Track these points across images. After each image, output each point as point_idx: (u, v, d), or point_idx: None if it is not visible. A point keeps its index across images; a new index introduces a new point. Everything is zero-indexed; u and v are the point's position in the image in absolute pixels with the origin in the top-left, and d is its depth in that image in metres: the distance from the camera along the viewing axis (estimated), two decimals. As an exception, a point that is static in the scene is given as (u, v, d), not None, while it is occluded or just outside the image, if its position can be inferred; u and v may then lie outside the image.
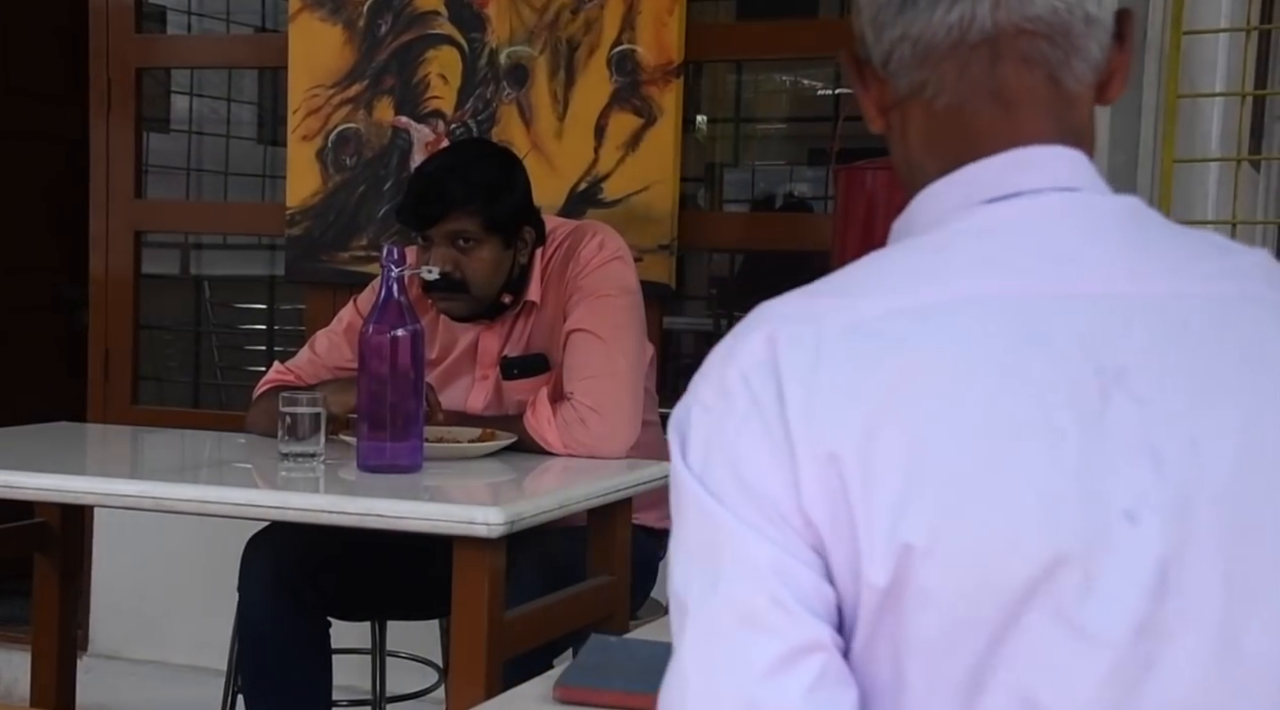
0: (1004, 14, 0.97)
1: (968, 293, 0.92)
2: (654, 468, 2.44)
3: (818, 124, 5.97)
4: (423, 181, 2.61)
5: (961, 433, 0.88)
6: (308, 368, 2.77)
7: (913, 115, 1.02)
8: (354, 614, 2.79)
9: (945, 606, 0.88)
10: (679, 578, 0.93)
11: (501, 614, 2.05)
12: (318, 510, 2.09)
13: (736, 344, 0.94)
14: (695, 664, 0.91)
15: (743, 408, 0.91)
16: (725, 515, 0.91)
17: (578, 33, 3.39)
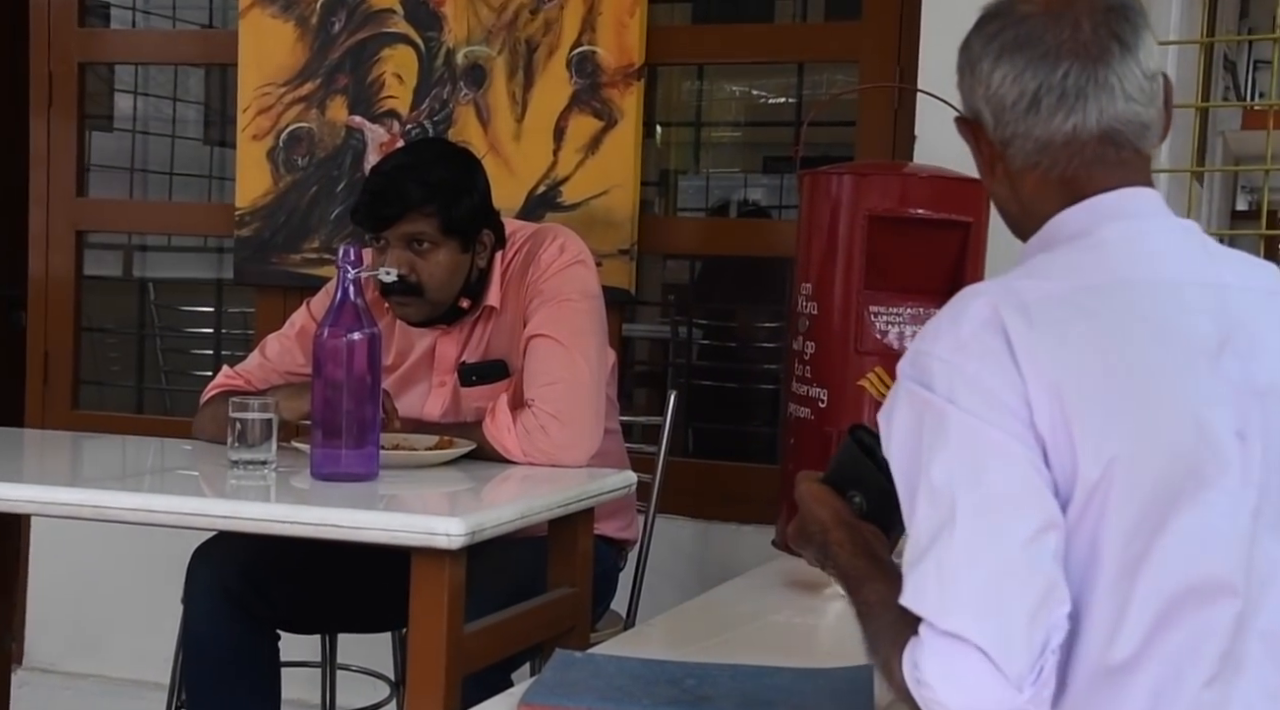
0: (1104, 118, 1.37)
1: (1122, 277, 1.32)
2: (616, 477, 2.37)
3: (772, 131, 5.93)
4: (378, 181, 2.53)
5: (1136, 373, 1.27)
6: (258, 372, 2.69)
7: (1027, 178, 1.40)
8: (304, 627, 2.71)
9: (1134, 499, 1.23)
10: (941, 477, 1.24)
11: (461, 628, 1.98)
12: (270, 520, 2.00)
13: (961, 313, 1.29)
14: (966, 537, 1.22)
15: (980, 352, 1.26)
16: (981, 424, 1.24)
17: (537, 33, 3.32)
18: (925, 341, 1.30)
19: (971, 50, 1.42)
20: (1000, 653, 1.19)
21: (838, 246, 2.62)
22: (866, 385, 2.56)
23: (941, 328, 1.30)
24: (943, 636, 1.21)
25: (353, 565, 2.53)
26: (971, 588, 1.21)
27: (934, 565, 1.23)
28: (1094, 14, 1.37)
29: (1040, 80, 1.36)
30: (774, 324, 3.78)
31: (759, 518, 3.21)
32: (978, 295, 1.30)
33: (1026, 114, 1.36)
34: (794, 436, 2.68)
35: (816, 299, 2.63)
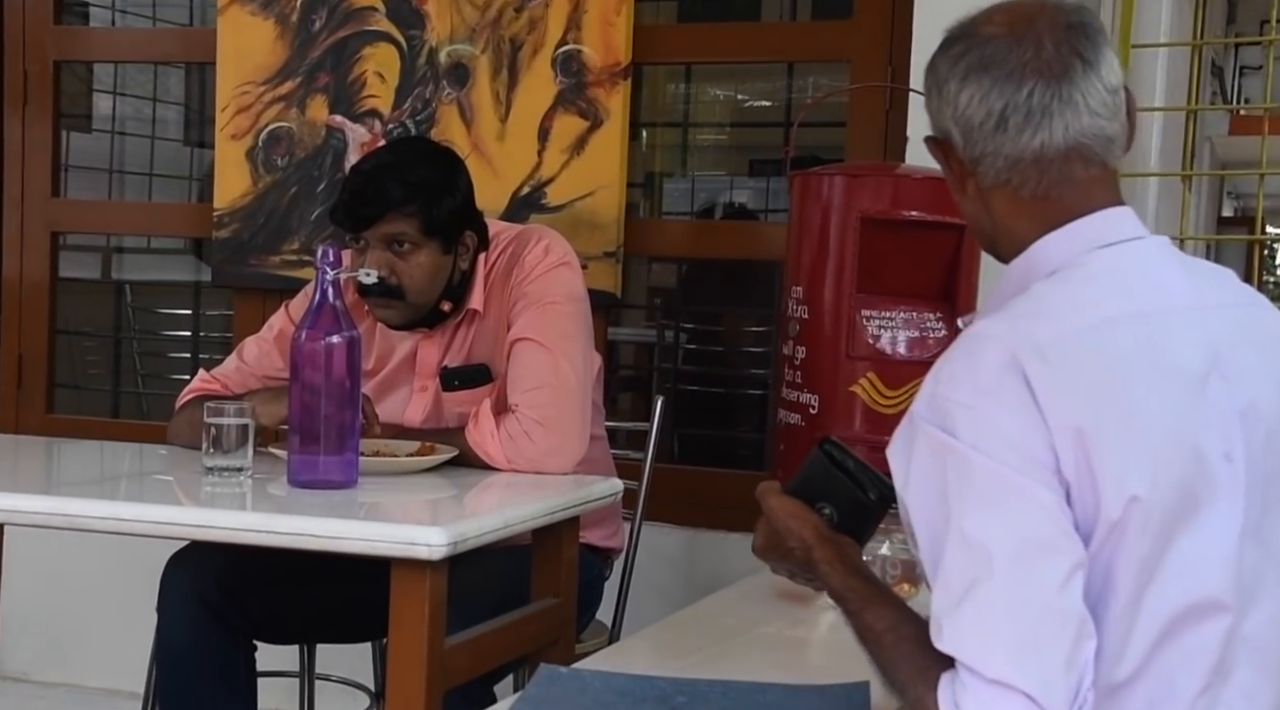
0: (1070, 134, 1.40)
1: (1120, 313, 1.35)
2: (602, 484, 2.31)
3: (758, 133, 5.89)
4: (358, 180, 2.46)
5: (1146, 410, 1.30)
6: (235, 376, 2.62)
7: (997, 197, 1.44)
8: (282, 637, 2.63)
9: (1146, 531, 1.28)
10: (975, 527, 1.26)
11: (442, 641, 1.92)
12: (245, 529, 1.94)
13: (976, 357, 1.31)
14: (1004, 585, 1.24)
15: (1001, 398, 1.28)
16: (1009, 472, 1.26)
17: (521, 32, 3.27)
18: (943, 386, 1.32)
19: (938, 72, 1.44)
20: (1044, 696, 1.23)
21: (829, 249, 2.57)
22: (859, 391, 2.51)
23: (958, 372, 1.32)
24: (988, 684, 1.24)
25: (332, 574, 2.47)
26: (1014, 635, 1.24)
27: (973, 613, 1.25)
28: (1055, 32, 1.40)
29: (1006, 99, 1.39)
30: (760, 328, 3.73)
31: (746, 526, 3.10)
32: (991, 339, 1.33)
33: (995, 133, 1.41)
34: (784, 443, 2.62)
35: (807, 302, 2.57)
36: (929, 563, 1.31)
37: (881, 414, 2.52)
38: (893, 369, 2.52)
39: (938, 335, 2.55)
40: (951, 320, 2.55)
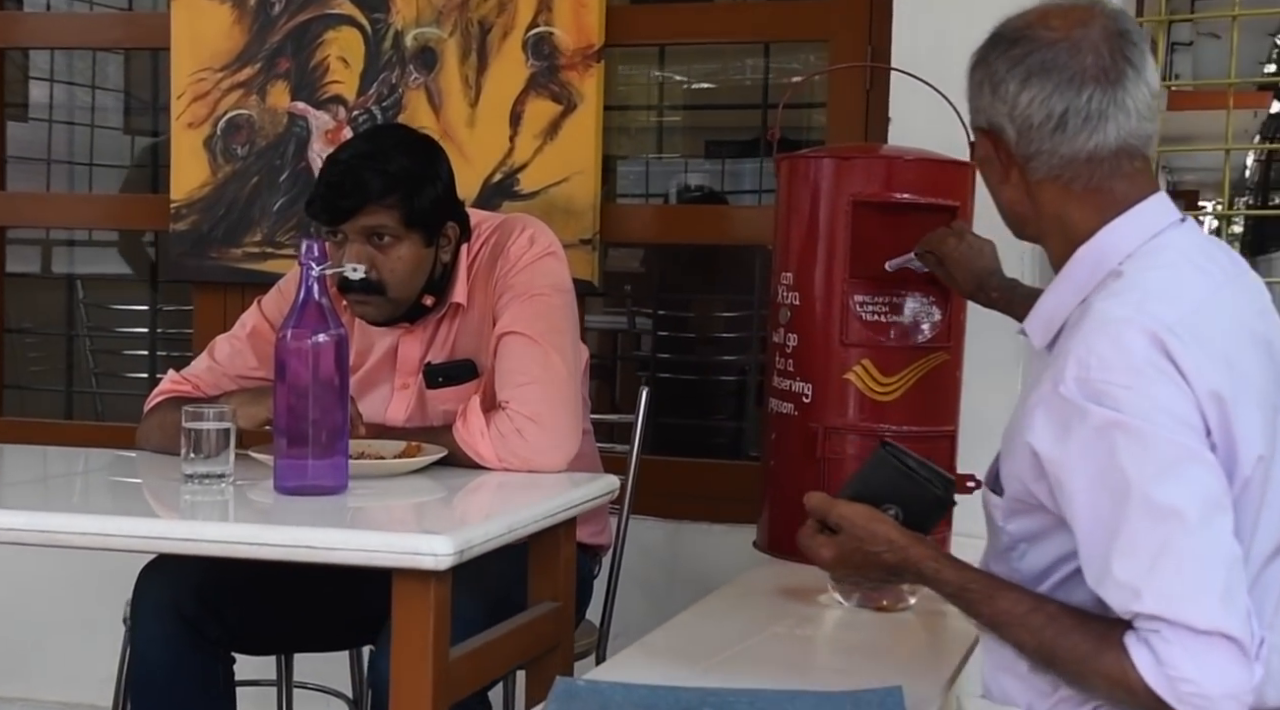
0: (1121, 136, 1.54)
1: (1209, 290, 1.53)
2: (599, 482, 2.24)
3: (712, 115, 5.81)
4: (335, 171, 2.36)
5: (1252, 372, 1.49)
6: (207, 376, 2.52)
7: (1047, 189, 1.58)
8: (260, 648, 2.54)
9: (1262, 484, 1.48)
10: (1163, 494, 1.39)
11: (447, 653, 1.84)
12: (234, 542, 1.84)
13: (1122, 340, 1.44)
14: (1200, 543, 1.39)
15: (1155, 375, 1.42)
16: (1181, 440, 1.41)
17: (490, 14, 3.17)
18: (1094, 370, 1.44)
19: (994, 70, 1.57)
20: (1244, 639, 1.38)
21: (819, 233, 2.49)
22: (853, 379, 2.44)
23: (1106, 355, 1.44)
24: (1198, 634, 1.37)
25: (314, 582, 2.38)
26: (1217, 587, 1.38)
27: (1174, 572, 1.38)
28: (1110, 40, 1.53)
29: (1067, 103, 1.53)
30: (733, 313, 3.66)
31: (730, 516, 3.09)
32: (1126, 321, 1.45)
33: (1053, 133, 1.54)
34: (776, 432, 2.55)
35: (798, 289, 2.50)
36: (1097, 534, 1.43)
37: (876, 401, 2.45)
38: (887, 355, 2.45)
39: (932, 320, 2.48)
40: (945, 304, 2.49)
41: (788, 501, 2.52)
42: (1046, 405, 1.47)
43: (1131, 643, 1.41)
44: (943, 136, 2.61)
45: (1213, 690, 1.37)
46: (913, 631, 2.13)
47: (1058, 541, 1.56)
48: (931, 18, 2.83)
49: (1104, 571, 1.43)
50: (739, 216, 3.35)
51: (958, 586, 1.59)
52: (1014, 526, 1.61)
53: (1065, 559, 1.56)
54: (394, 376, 2.49)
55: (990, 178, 1.63)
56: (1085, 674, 1.46)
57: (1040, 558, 1.60)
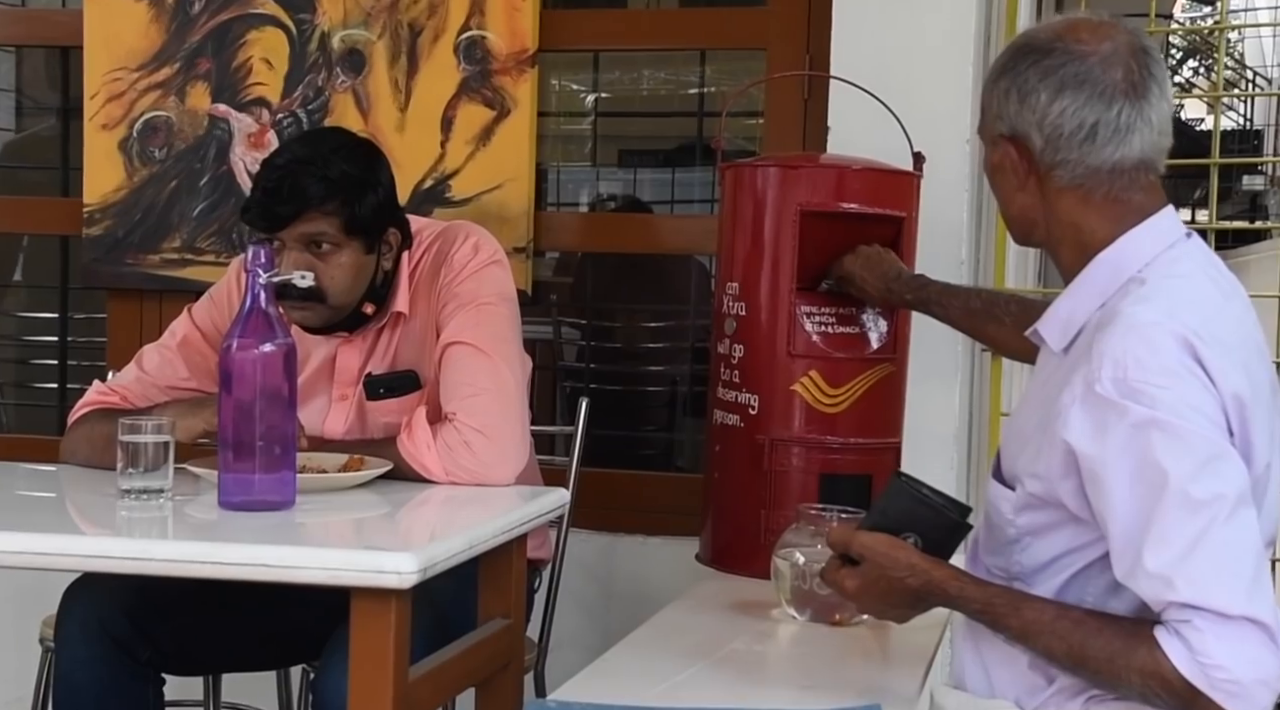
0: (1143, 149, 1.60)
1: (1223, 300, 1.61)
2: (552, 496, 2.19)
3: (624, 123, 5.76)
4: (272, 176, 2.28)
5: (1262, 382, 1.57)
6: (136, 387, 2.43)
7: (1067, 197, 1.64)
8: (190, 669, 2.45)
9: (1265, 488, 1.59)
10: (1198, 488, 1.45)
11: (407, 674, 1.77)
12: (185, 560, 1.76)
13: (1155, 343, 1.50)
14: (1231, 534, 1.45)
15: (1187, 376, 1.49)
16: (1214, 437, 1.48)
17: (421, 16, 3.10)
18: (1131, 370, 1.49)
19: (1025, 79, 1.61)
20: (1274, 624, 1.43)
21: (765, 243, 2.47)
22: (800, 390, 2.42)
23: (1142, 357, 1.50)
24: (1228, 621, 1.42)
25: (246, 601, 2.30)
26: (1247, 576, 1.44)
27: (1208, 562, 1.44)
28: (1135, 55, 1.60)
29: (1099, 116, 1.58)
30: (662, 324, 3.62)
31: (667, 529, 3.05)
32: (1157, 325, 1.51)
33: (1082, 144, 1.59)
34: (720, 444, 2.52)
35: (744, 299, 2.47)
36: (1132, 527, 1.48)
37: (824, 413, 2.43)
38: (835, 367, 2.43)
39: (879, 331, 2.47)
40: (891, 315, 2.47)
41: (732, 514, 2.50)
42: (1083, 404, 1.52)
43: (1162, 635, 1.45)
44: (881, 146, 2.61)
45: (1245, 676, 1.41)
46: (869, 645, 2.11)
47: (1064, 536, 1.62)
48: (871, 27, 2.83)
49: (1136, 563, 1.48)
50: (675, 226, 3.32)
51: (983, 603, 1.62)
52: (1024, 520, 1.65)
53: (1068, 553, 1.62)
54: (332, 387, 2.42)
55: (1004, 185, 1.68)
56: (1118, 671, 1.49)
57: (1043, 551, 1.64)
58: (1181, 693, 1.44)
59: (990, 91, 1.66)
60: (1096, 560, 1.60)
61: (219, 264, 3.15)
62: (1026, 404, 1.73)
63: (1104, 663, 1.50)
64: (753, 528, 2.42)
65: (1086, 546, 1.60)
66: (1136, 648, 1.47)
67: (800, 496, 2.37)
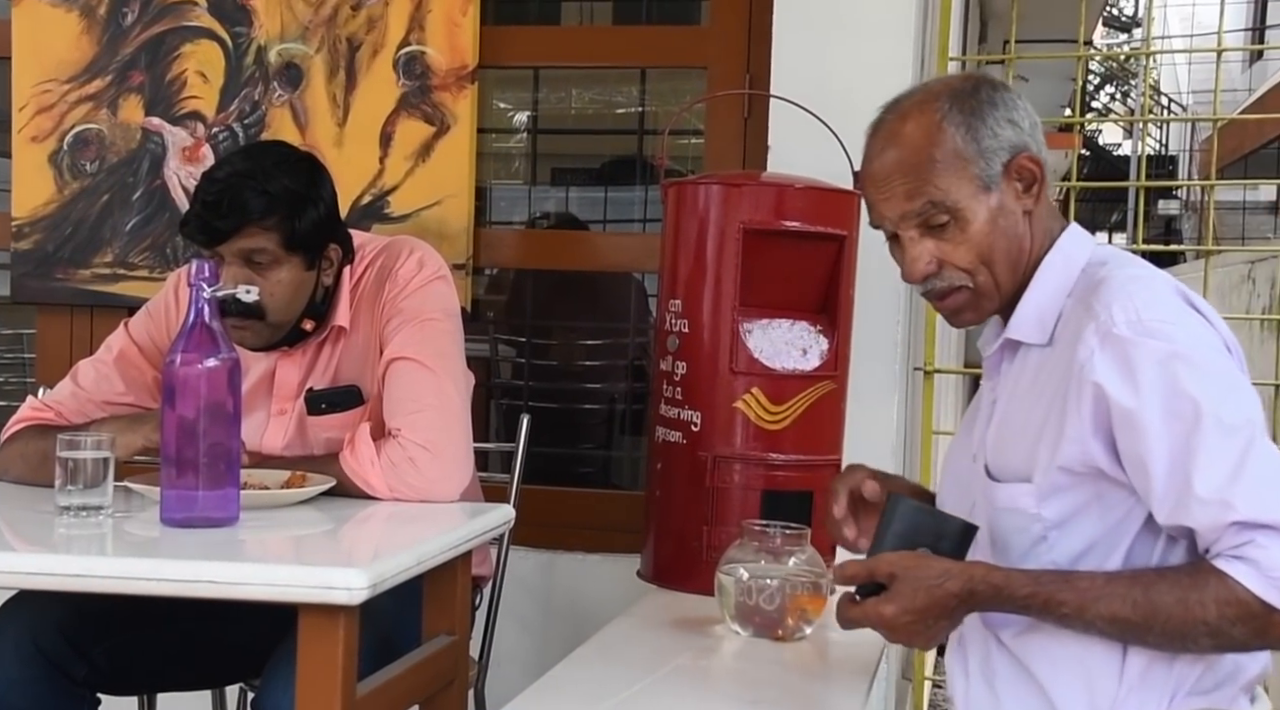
0: None
1: None
2: (497, 512, 2.18)
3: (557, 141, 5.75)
4: (212, 189, 2.25)
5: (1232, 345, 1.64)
6: (71, 403, 2.39)
7: (1043, 202, 1.74)
8: (126, 688, 2.40)
9: None
10: (1230, 412, 1.51)
11: (355, 691, 1.76)
12: (128, 577, 1.73)
13: (1154, 289, 1.60)
14: (1270, 449, 1.50)
15: (1194, 318, 1.59)
16: (1231, 368, 1.58)
17: (359, 31, 3.08)
18: (1145, 310, 1.56)
19: (1004, 102, 1.71)
20: None
21: (708, 261, 2.48)
22: (742, 407, 2.43)
23: (1148, 299, 1.58)
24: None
25: (183, 619, 2.27)
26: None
27: (1257, 479, 1.48)
28: None
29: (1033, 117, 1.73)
30: (600, 341, 3.62)
31: (606, 546, 3.05)
32: (1152, 277, 1.62)
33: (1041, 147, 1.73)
34: (662, 461, 2.53)
35: (687, 316, 2.48)
36: (1175, 461, 1.50)
37: (766, 430, 2.44)
38: (777, 384, 2.45)
39: (820, 349, 2.49)
40: (832, 333, 2.49)
41: (674, 531, 2.50)
42: (1104, 348, 1.55)
43: (1226, 564, 1.46)
44: (821, 165, 2.63)
45: None
46: (813, 659, 2.11)
47: (1091, 519, 1.61)
48: (810, 47, 2.85)
49: (1185, 494, 1.49)
50: (615, 243, 3.31)
51: (1032, 583, 1.57)
52: (1051, 510, 1.63)
53: (1099, 542, 1.61)
54: (270, 402, 2.40)
55: (1016, 207, 1.71)
56: (1191, 610, 1.48)
57: (1073, 543, 1.63)
58: (1260, 614, 1.44)
59: (980, 130, 1.69)
60: (1129, 542, 1.60)
61: (152, 279, 3.11)
62: (1013, 402, 1.72)
63: (1175, 606, 1.49)
64: (695, 544, 2.43)
65: (1116, 528, 1.60)
66: (1205, 582, 1.47)
67: (742, 513, 2.37)
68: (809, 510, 2.46)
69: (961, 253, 1.68)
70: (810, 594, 2.13)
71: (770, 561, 2.12)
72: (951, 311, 1.76)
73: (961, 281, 1.70)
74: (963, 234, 1.68)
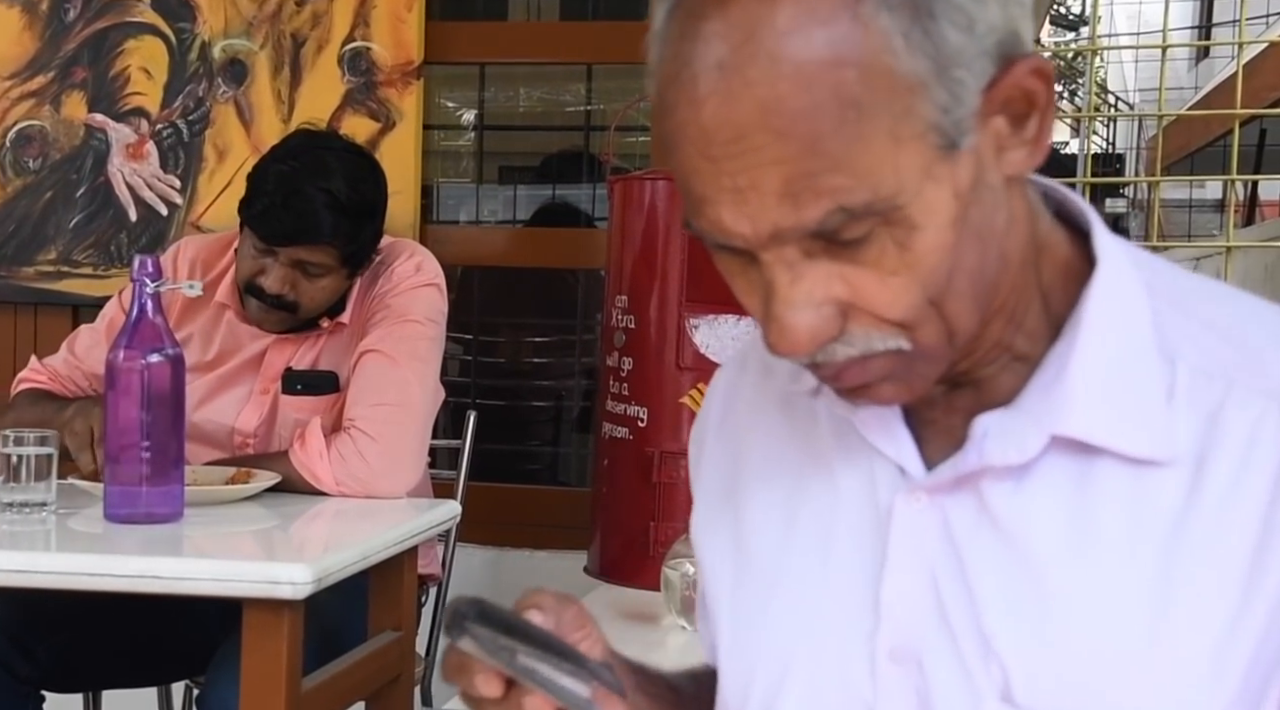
0: None
1: None
2: (444, 508, 2.18)
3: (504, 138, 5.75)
4: (286, 189, 2.20)
5: None
6: (63, 369, 2.44)
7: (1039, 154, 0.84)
8: (71, 685, 2.39)
9: None
10: None
11: (299, 686, 1.76)
12: (71, 572, 1.73)
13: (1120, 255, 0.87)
14: None
15: None
16: None
17: (304, 27, 3.07)
18: None
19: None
20: None
21: (655, 256, 2.49)
22: (689, 403, 2.44)
23: None
24: None
25: (129, 615, 2.26)
26: None
27: None
28: None
29: None
30: (548, 338, 3.63)
31: (554, 542, 3.05)
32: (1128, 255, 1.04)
33: None
34: (609, 457, 2.54)
35: (633, 312, 2.50)
36: None
37: (712, 425, 2.46)
38: (723, 379, 2.46)
39: (766, 343, 2.50)
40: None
41: (621, 526, 2.51)
42: None
43: None
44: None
45: None
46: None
47: None
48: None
49: None
50: (563, 239, 3.32)
51: None
52: None
53: None
54: (255, 380, 2.39)
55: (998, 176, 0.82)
56: None
57: None
58: None
59: (916, 44, 0.75)
60: None
61: (97, 276, 3.10)
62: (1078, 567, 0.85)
63: None
64: (642, 539, 2.44)
65: None
66: None
67: (689, 508, 2.38)
68: (755, 504, 2.48)
69: (893, 292, 0.81)
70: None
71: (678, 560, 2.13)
72: (858, 392, 0.87)
73: (889, 345, 0.83)
74: (901, 253, 0.80)
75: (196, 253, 2.46)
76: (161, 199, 3.13)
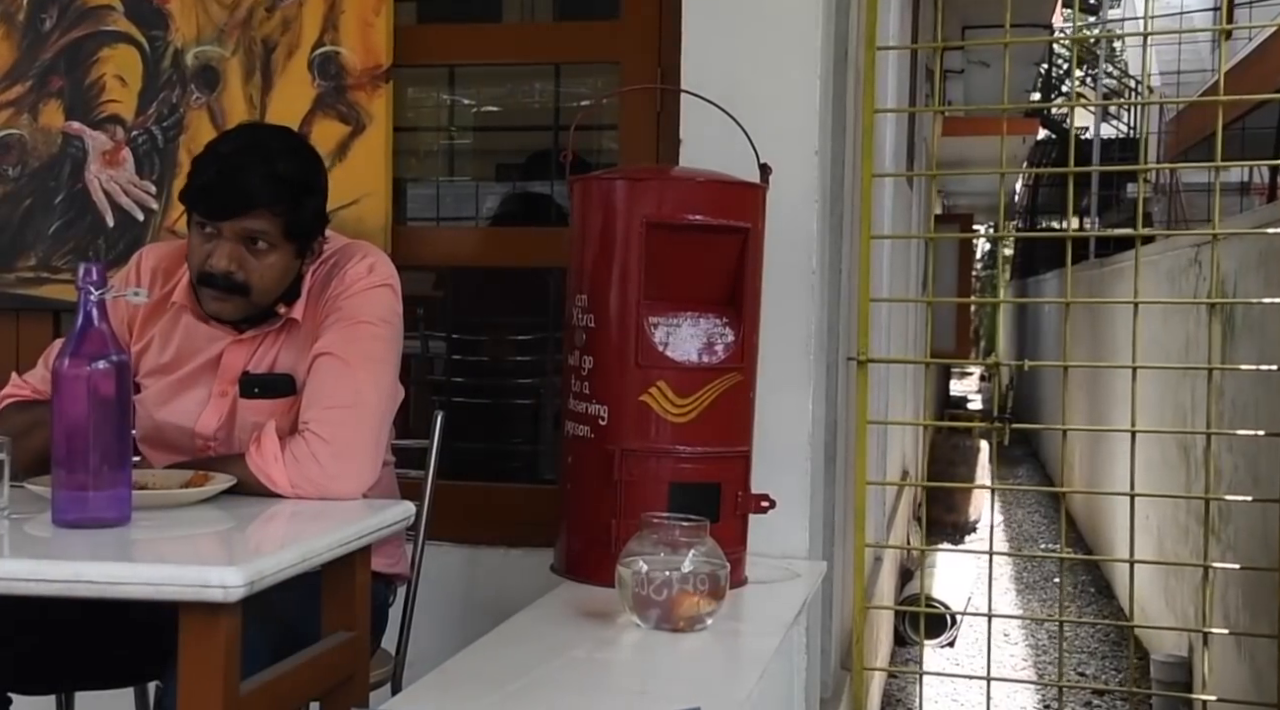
0: None
1: None
2: (394, 509, 2.19)
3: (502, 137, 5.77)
4: (224, 165, 2.27)
5: None
6: (42, 384, 2.46)
7: None
8: (37, 687, 2.42)
9: None
10: None
11: (237, 689, 1.78)
12: (11, 578, 1.75)
13: None
14: None
15: None
16: None
17: (274, 32, 3.10)
18: None
19: None
20: None
21: (614, 255, 2.51)
22: (649, 400, 2.46)
23: None
24: None
25: (95, 617, 2.29)
26: None
27: None
28: None
29: None
30: (522, 336, 3.64)
31: (526, 540, 3.07)
32: None
33: None
34: (572, 455, 2.55)
35: (593, 311, 2.51)
36: None
37: (673, 423, 2.47)
38: (683, 376, 2.48)
39: (726, 341, 2.52)
40: (739, 325, 2.52)
41: (584, 524, 2.53)
42: None
43: None
44: (733, 159, 2.65)
45: None
46: (709, 651, 2.14)
47: None
48: (719, 42, 2.87)
49: None
50: (533, 238, 3.34)
51: None
52: None
53: None
54: (213, 383, 2.41)
55: None
56: None
57: None
58: None
59: None
60: None
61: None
62: None
63: None
64: (604, 537, 2.45)
65: None
66: None
67: (651, 505, 2.40)
68: (716, 502, 2.49)
69: None
70: (706, 586, 2.16)
71: (669, 553, 2.15)
72: None
73: None
74: None
75: (158, 261, 2.49)
76: (138, 204, 3.16)
